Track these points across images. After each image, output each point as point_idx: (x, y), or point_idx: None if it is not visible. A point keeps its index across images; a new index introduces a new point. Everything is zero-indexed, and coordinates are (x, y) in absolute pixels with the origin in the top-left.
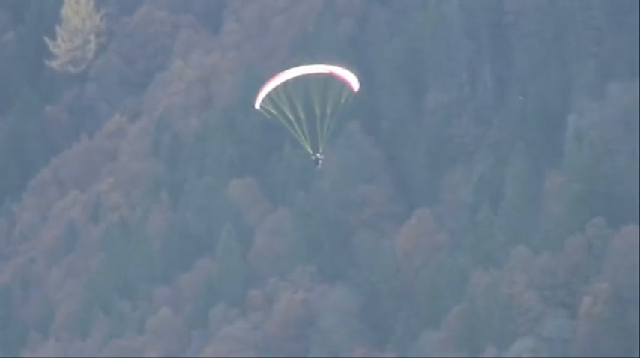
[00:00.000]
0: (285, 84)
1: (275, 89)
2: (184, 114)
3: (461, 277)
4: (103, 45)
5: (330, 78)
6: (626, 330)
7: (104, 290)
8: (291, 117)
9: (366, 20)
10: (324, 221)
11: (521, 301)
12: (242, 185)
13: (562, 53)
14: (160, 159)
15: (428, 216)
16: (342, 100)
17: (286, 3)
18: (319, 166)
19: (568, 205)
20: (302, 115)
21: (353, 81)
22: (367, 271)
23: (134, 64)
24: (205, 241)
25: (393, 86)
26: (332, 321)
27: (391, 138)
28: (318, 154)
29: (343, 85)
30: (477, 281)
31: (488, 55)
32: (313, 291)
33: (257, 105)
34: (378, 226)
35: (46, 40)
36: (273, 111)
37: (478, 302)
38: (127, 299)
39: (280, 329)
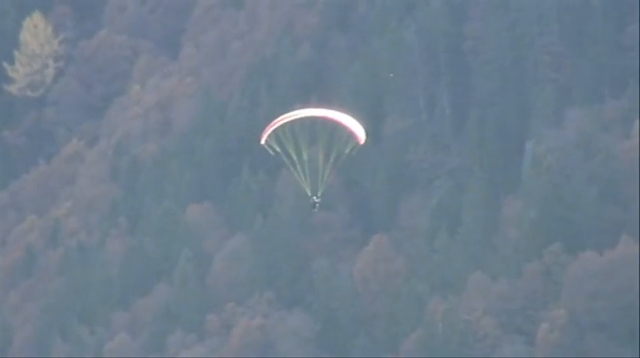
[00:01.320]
0: (293, 123)
1: (282, 127)
2: (143, 139)
3: (418, 303)
4: (61, 69)
5: (337, 125)
6: (582, 356)
7: (62, 315)
8: (295, 157)
9: (325, 45)
10: (282, 247)
11: (479, 327)
12: (200, 210)
13: (520, 79)
14: (118, 184)
15: (386, 242)
16: (347, 151)
17: (245, 28)
18: (316, 209)
19: (526, 231)
20: (305, 157)
21: (359, 132)
22: (325, 297)
23: (92, 89)
24: (163, 266)
25: (352, 111)
26: (289, 347)
27: (350, 163)
28: (315, 198)
29: (349, 135)
30: (434, 307)
31: (446, 81)
32: (271, 317)
33: (262, 141)
34: (336, 252)
35: (4, 64)
36: (278, 149)
37: (436, 329)
38: (85, 324)
39: (238, 354)
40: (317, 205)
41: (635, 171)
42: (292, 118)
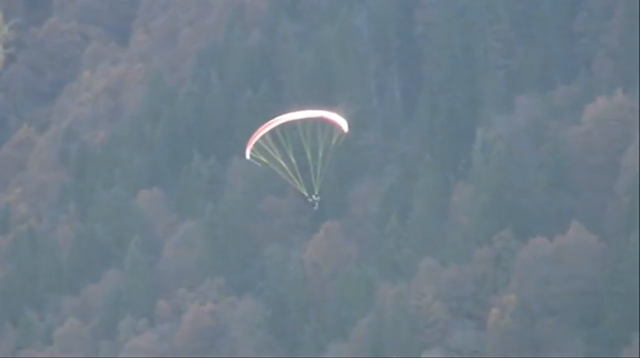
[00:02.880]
0: (273, 132)
1: (263, 137)
2: (93, 125)
3: (369, 289)
4: (11, 55)
5: (317, 122)
6: (533, 342)
7: (12, 301)
8: (283, 164)
9: (275, 32)
10: (232, 232)
11: (429, 313)
12: (150, 196)
13: (471, 65)
14: (68, 170)
15: (336, 228)
16: (334, 142)
17: (195, 14)
18: (316, 207)
19: (476, 217)
20: (293, 160)
21: (342, 123)
22: (275, 283)
23: (43, 75)
24: (113, 252)
25: (303, 98)
26: (240, 333)
27: (300, 149)
28: (314, 196)
29: (333, 127)
30: (384, 292)
31: (397, 67)
32: (221, 303)
33: (247, 156)
34: (287, 238)
35: None
36: (264, 160)
37: (386, 314)
38: (34, 310)
39: (189, 340)
40: (316, 204)
41: (585, 158)
42: (271, 127)
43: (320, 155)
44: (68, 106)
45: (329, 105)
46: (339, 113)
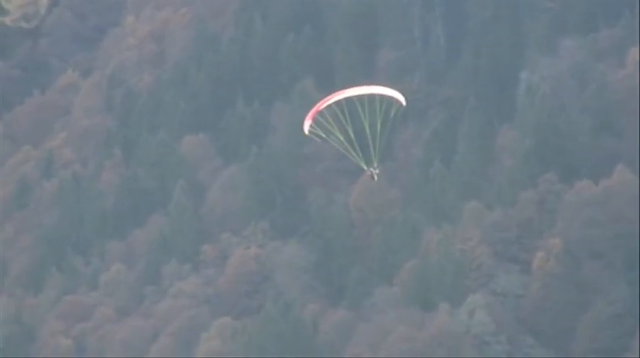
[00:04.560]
0: (330, 107)
1: (321, 113)
2: (137, 70)
3: (413, 233)
4: (55, 0)
5: (375, 97)
6: (578, 285)
7: (57, 246)
8: (341, 138)
9: None
10: (276, 177)
11: (474, 257)
12: (195, 141)
13: (514, 8)
14: (112, 115)
15: (381, 172)
16: (392, 114)
17: None
18: (376, 179)
19: (520, 160)
20: (352, 135)
21: (399, 96)
22: (320, 227)
23: (86, 20)
24: (158, 197)
25: (346, 43)
26: (285, 277)
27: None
28: (372, 169)
29: (391, 99)
30: (429, 237)
31: (440, 12)
32: (266, 247)
33: (306, 131)
34: (331, 182)
35: None
36: (323, 135)
37: (431, 259)
38: (80, 255)
39: (233, 285)
40: (376, 176)
41: (629, 101)
42: (328, 103)
43: (379, 128)
44: (112, 51)
45: (372, 50)
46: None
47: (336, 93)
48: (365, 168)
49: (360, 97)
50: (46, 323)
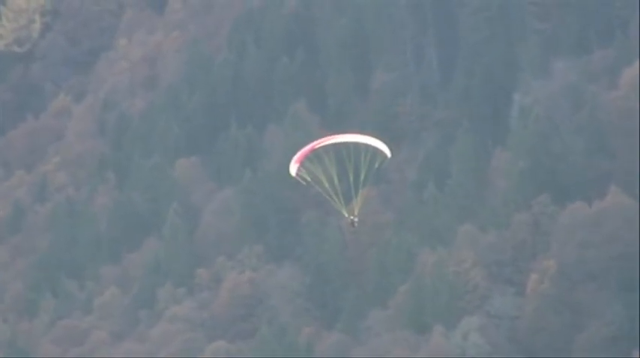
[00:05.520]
0: (316, 152)
1: (308, 157)
2: (130, 94)
3: (408, 255)
4: (48, 24)
5: (360, 146)
6: (573, 307)
7: (51, 270)
8: (326, 184)
9: None
10: (270, 200)
11: (468, 279)
12: (188, 164)
13: (507, 30)
14: (105, 139)
15: (374, 195)
16: (376, 166)
17: None
18: (355, 227)
19: (514, 182)
20: (336, 181)
21: (384, 148)
22: (314, 250)
23: (79, 44)
24: (152, 221)
25: (339, 65)
26: (279, 300)
27: (337, 116)
28: (352, 217)
29: (375, 151)
30: (424, 259)
31: (433, 33)
32: (260, 271)
33: (293, 173)
34: (325, 205)
35: None
36: (309, 178)
37: (425, 281)
38: (74, 279)
39: (228, 308)
40: (355, 224)
41: (623, 122)
42: (317, 146)
43: (362, 178)
44: (105, 75)
45: (365, 72)
46: (377, 79)
47: (325, 138)
48: (346, 215)
49: (346, 145)
50: (41, 348)
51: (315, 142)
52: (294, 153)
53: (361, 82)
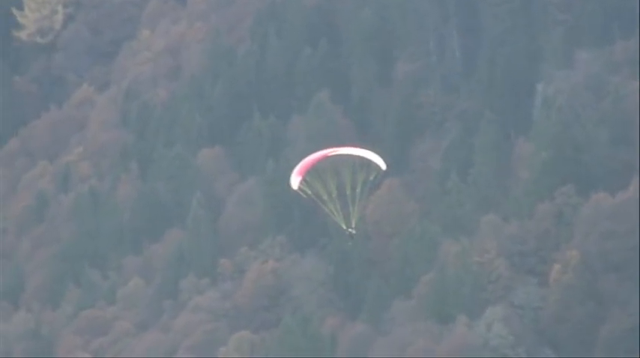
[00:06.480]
0: (317, 166)
1: (309, 171)
2: (153, 84)
3: (431, 245)
4: (70, 15)
5: (357, 159)
6: (596, 297)
7: (74, 261)
8: (325, 197)
9: None
10: (293, 190)
11: (492, 269)
12: (211, 154)
13: (530, 21)
14: (128, 129)
15: (397, 185)
16: (371, 178)
17: None
18: (352, 240)
19: (537, 172)
20: (334, 194)
21: (379, 162)
22: (337, 240)
23: (102, 34)
24: (175, 211)
25: (362, 55)
26: (303, 291)
27: (360, 107)
28: (350, 229)
29: (370, 164)
30: (447, 249)
31: (456, 23)
32: (283, 261)
33: (295, 186)
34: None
35: (14, 10)
36: (309, 191)
37: (448, 271)
38: (97, 270)
39: (251, 298)
40: (353, 236)
41: None
42: (318, 158)
43: (358, 190)
44: (128, 66)
45: (388, 62)
46: (400, 69)
47: (325, 151)
48: (344, 227)
49: (343, 157)
50: (64, 338)
51: (314, 155)
52: (317, 144)
53: (384, 72)
